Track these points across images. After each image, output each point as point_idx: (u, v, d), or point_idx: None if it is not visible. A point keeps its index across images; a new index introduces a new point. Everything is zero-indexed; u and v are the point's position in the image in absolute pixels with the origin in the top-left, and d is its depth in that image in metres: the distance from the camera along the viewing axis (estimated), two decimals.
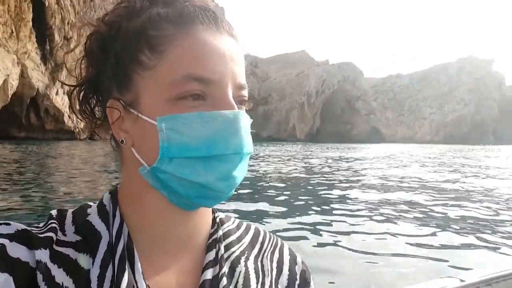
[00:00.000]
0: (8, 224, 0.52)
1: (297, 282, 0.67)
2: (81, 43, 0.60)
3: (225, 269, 0.59)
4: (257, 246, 0.67)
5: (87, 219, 0.56)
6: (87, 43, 0.57)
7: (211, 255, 0.60)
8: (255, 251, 0.66)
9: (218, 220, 0.65)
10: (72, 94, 0.59)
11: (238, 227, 0.68)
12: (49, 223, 0.55)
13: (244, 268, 0.62)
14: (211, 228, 0.63)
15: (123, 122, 0.55)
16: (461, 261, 4.67)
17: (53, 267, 0.50)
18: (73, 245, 0.53)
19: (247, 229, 0.69)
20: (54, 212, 0.57)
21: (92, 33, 0.57)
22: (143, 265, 0.54)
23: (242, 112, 0.54)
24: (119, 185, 0.60)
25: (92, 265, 0.52)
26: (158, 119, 0.51)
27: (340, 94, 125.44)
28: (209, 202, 0.55)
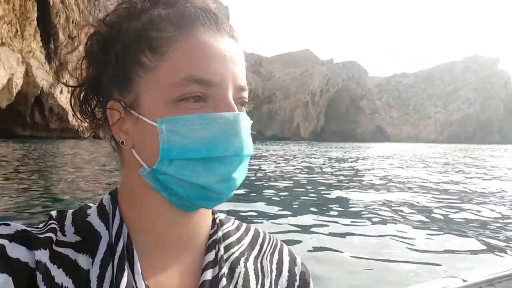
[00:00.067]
0: (8, 225, 0.51)
1: (296, 283, 0.67)
2: (81, 43, 0.60)
3: (224, 270, 0.59)
4: (257, 247, 0.67)
5: (86, 219, 0.56)
6: (88, 43, 0.57)
7: (211, 256, 0.60)
8: (255, 252, 0.66)
9: (218, 221, 0.65)
10: (72, 94, 0.60)
11: (237, 228, 0.68)
12: (48, 223, 0.55)
13: (244, 269, 0.62)
14: (211, 229, 0.64)
15: (123, 124, 0.55)
16: (464, 264, 4.56)
17: (52, 268, 0.50)
18: (73, 245, 0.53)
19: (247, 230, 0.69)
20: (53, 213, 0.57)
21: (93, 34, 0.57)
22: (142, 265, 0.54)
23: (242, 114, 0.54)
24: (119, 186, 0.60)
25: (92, 265, 0.52)
26: (158, 121, 0.51)
27: (345, 93, 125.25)
28: (209, 204, 0.55)
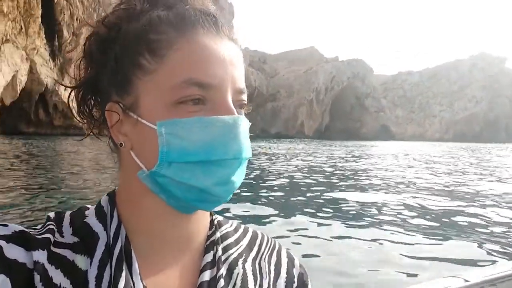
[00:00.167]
0: (5, 226, 0.51)
1: (295, 285, 0.67)
2: (80, 44, 0.59)
3: (222, 271, 0.59)
4: (255, 249, 0.67)
5: (84, 220, 0.56)
6: (86, 44, 0.57)
7: (209, 257, 0.60)
8: (253, 253, 0.66)
9: (216, 223, 0.65)
10: (70, 95, 0.60)
11: (236, 229, 0.68)
12: (46, 224, 0.55)
13: (242, 270, 0.62)
14: (209, 230, 0.64)
15: (122, 126, 0.55)
16: (465, 268, 4.40)
17: (50, 268, 0.50)
18: (71, 246, 0.53)
19: (245, 231, 0.69)
20: (51, 214, 0.57)
21: (91, 35, 0.57)
22: (140, 266, 0.54)
23: (241, 117, 0.54)
24: (117, 187, 0.60)
25: (90, 265, 0.52)
26: (158, 123, 0.51)
27: (350, 91, 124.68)
28: (207, 206, 0.55)
